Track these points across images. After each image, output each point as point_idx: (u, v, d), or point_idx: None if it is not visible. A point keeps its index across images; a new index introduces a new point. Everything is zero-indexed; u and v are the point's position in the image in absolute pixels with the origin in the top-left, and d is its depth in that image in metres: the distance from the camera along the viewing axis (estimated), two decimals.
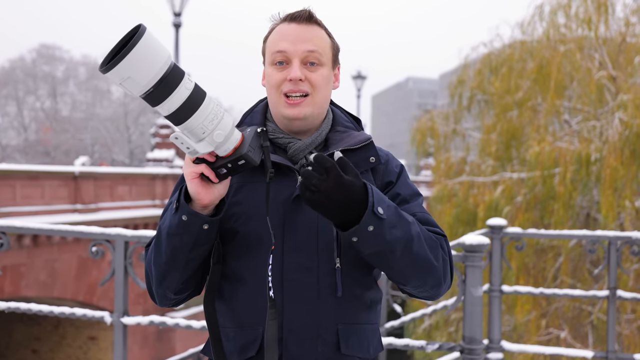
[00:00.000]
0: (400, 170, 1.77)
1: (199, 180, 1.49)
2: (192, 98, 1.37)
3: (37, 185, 13.69)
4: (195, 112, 1.38)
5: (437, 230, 1.67)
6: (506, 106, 12.74)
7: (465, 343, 2.99)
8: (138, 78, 1.29)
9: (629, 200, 10.51)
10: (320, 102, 1.68)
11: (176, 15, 17.91)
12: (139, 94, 1.33)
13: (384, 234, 1.48)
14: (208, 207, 1.53)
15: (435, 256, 1.60)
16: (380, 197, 1.50)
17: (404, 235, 1.52)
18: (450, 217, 12.79)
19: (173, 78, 1.34)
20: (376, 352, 1.72)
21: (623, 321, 10.62)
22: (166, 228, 1.56)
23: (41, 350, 16.61)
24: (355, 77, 31.66)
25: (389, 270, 1.58)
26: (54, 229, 3.86)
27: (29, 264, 12.55)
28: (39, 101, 46.74)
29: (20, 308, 3.77)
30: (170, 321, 3.60)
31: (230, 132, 1.44)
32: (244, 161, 1.46)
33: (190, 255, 1.56)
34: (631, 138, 10.22)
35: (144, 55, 1.28)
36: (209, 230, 1.53)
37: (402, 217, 1.53)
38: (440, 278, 1.62)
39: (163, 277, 1.62)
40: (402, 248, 1.52)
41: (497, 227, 4.44)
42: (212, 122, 1.40)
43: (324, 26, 1.71)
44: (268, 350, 1.52)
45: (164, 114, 1.38)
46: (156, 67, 1.30)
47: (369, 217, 1.45)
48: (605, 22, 12.04)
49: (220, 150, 1.45)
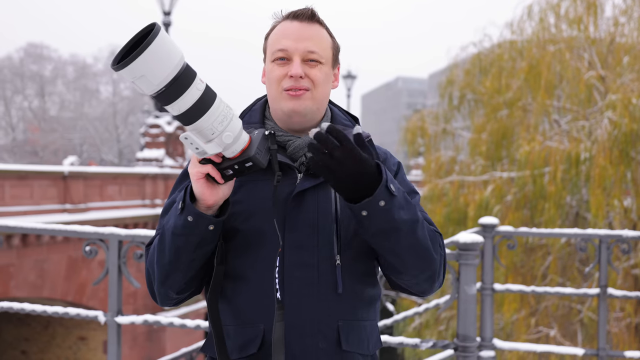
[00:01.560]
0: (398, 168, 1.78)
1: (204, 180, 1.49)
2: (203, 99, 1.38)
3: (26, 185, 13.61)
4: (205, 113, 1.38)
5: (433, 228, 1.69)
6: (496, 106, 12.80)
7: (459, 341, 3.01)
8: (151, 77, 1.30)
9: (617, 199, 10.58)
10: (319, 98, 1.68)
11: (166, 14, 17.87)
12: (150, 93, 1.33)
13: (393, 212, 1.49)
14: (212, 208, 1.53)
15: (435, 248, 1.62)
16: (391, 177, 1.52)
17: (410, 218, 1.53)
18: (441, 216, 12.83)
19: (186, 78, 1.35)
20: (375, 349, 1.74)
21: (612, 319, 10.69)
22: (171, 228, 1.56)
23: (30, 351, 16.52)
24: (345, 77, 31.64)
25: (390, 254, 1.58)
26: (48, 229, 3.85)
27: (18, 265, 12.48)
28: (27, 100, 46.45)
29: (13, 308, 3.75)
30: (165, 320, 3.60)
31: (239, 135, 1.45)
32: (252, 163, 1.47)
33: (193, 255, 1.57)
34: (620, 138, 10.28)
35: (158, 54, 1.28)
36: (214, 231, 1.54)
37: (409, 201, 1.55)
38: (436, 272, 1.64)
39: (166, 276, 1.62)
40: (407, 229, 1.53)
41: (489, 225, 4.46)
42: (221, 123, 1.41)
43: (325, 25, 1.72)
44: (275, 351, 1.54)
45: (174, 113, 1.39)
46: (170, 66, 1.31)
47: (382, 191, 1.46)
48: (595, 22, 12.11)
49: (227, 151, 1.46)
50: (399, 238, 1.53)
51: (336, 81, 1.78)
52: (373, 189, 1.47)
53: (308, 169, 1.65)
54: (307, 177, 1.65)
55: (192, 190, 1.54)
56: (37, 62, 45.97)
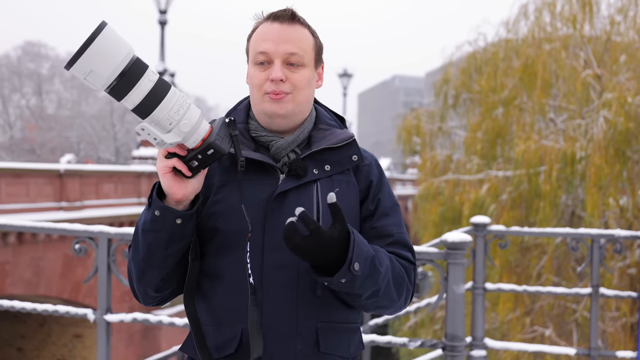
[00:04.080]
0: (383, 178, 1.79)
1: (171, 174, 1.49)
2: (156, 90, 1.39)
3: (22, 183, 13.60)
4: (160, 103, 1.39)
5: (409, 256, 1.72)
6: (492, 104, 12.77)
7: (448, 340, 3.00)
8: (100, 71, 1.32)
9: (613, 198, 10.57)
10: (301, 101, 1.68)
11: (162, 13, 17.84)
12: (103, 88, 1.36)
13: (354, 285, 1.54)
14: (182, 203, 1.53)
15: (399, 293, 1.67)
16: (360, 249, 1.54)
17: (374, 286, 1.58)
18: (436, 215, 12.82)
19: (135, 71, 1.37)
20: (357, 352, 1.73)
21: (607, 319, 10.69)
22: (141, 224, 1.57)
23: (26, 348, 16.49)
24: (341, 75, 31.64)
25: (352, 303, 1.66)
26: (37, 227, 3.84)
27: (13, 262, 12.47)
28: (25, 99, 46.41)
29: (2, 305, 3.75)
30: (154, 319, 3.59)
31: (197, 123, 1.45)
32: (213, 150, 1.46)
33: (166, 252, 1.56)
34: (616, 136, 10.26)
35: (104, 49, 1.31)
36: (182, 225, 1.53)
37: (375, 269, 1.57)
38: (397, 309, 1.72)
39: (142, 274, 1.61)
40: (369, 294, 1.59)
41: (480, 224, 4.46)
42: (177, 112, 1.41)
43: (307, 25, 1.71)
44: (252, 336, 1.53)
45: (130, 107, 1.40)
46: (118, 59, 1.33)
47: (343, 272, 1.50)
48: (590, 20, 12.09)
49: (189, 142, 1.45)
50: (360, 299, 1.60)
51: (320, 80, 1.78)
52: (337, 268, 1.51)
53: (290, 169, 1.64)
54: (289, 177, 1.65)
55: (160, 185, 1.53)
56: (35, 61, 45.92)
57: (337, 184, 1.67)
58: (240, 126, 1.72)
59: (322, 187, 1.65)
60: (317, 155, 1.68)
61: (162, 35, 17.97)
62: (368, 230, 1.71)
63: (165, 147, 1.44)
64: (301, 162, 1.65)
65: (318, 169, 1.66)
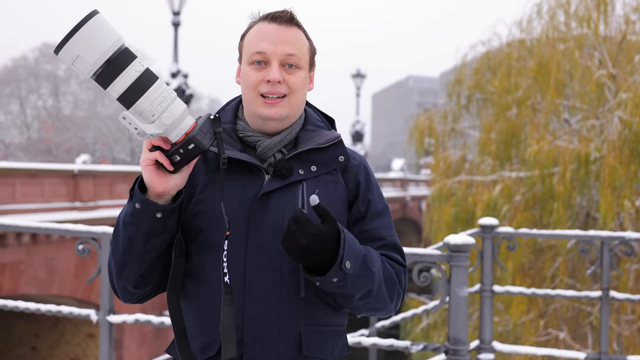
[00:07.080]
0: (372, 179, 1.77)
1: (153, 167, 1.48)
2: (141, 80, 1.40)
3: (37, 183, 13.71)
4: (144, 93, 1.40)
5: (399, 259, 1.70)
6: (505, 105, 12.68)
7: (450, 344, 2.96)
8: (87, 57, 1.35)
9: (628, 199, 10.45)
10: (296, 104, 1.67)
11: (175, 14, 17.88)
12: (89, 75, 1.38)
13: (346, 285, 1.53)
14: (163, 197, 1.52)
15: (391, 295, 1.65)
16: (351, 247, 1.53)
17: (366, 285, 1.57)
18: (449, 216, 12.73)
19: (122, 59, 1.38)
20: (341, 355, 1.71)
21: (623, 322, 10.57)
22: (122, 217, 1.56)
23: (40, 347, 16.59)
24: (354, 76, 31.47)
25: (344, 305, 1.65)
26: (42, 227, 3.84)
27: (27, 262, 12.55)
28: (42, 100, 46.81)
29: (7, 305, 3.75)
30: (155, 319, 3.58)
31: (181, 117, 1.45)
32: (193, 145, 1.46)
33: (146, 246, 1.54)
34: (631, 137, 10.16)
35: (92, 35, 1.34)
36: (163, 219, 1.51)
37: (367, 268, 1.56)
38: (388, 311, 1.71)
39: (122, 268, 1.60)
40: (361, 295, 1.58)
41: (488, 226, 4.41)
42: (161, 104, 1.42)
43: (303, 28, 1.70)
44: (225, 339, 1.49)
45: (114, 96, 1.41)
46: (105, 46, 1.36)
47: (335, 271, 1.50)
48: (605, 20, 11.97)
49: (172, 135, 1.46)
50: (352, 299, 1.59)
51: (311, 83, 1.77)
52: (328, 267, 1.51)
53: (276, 170, 1.63)
54: (274, 178, 1.63)
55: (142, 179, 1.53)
56: (52, 62, 46.25)
57: (324, 185, 1.66)
58: (227, 126, 1.71)
59: (309, 188, 1.64)
60: (303, 156, 1.66)
61: (175, 37, 18.01)
62: (359, 233, 1.69)
63: (146, 137, 1.44)
64: (286, 163, 1.63)
65: (304, 170, 1.65)
